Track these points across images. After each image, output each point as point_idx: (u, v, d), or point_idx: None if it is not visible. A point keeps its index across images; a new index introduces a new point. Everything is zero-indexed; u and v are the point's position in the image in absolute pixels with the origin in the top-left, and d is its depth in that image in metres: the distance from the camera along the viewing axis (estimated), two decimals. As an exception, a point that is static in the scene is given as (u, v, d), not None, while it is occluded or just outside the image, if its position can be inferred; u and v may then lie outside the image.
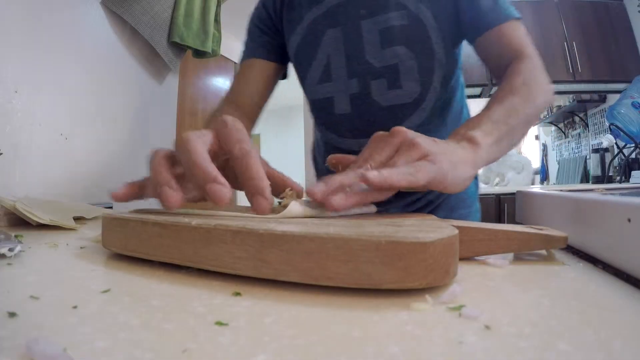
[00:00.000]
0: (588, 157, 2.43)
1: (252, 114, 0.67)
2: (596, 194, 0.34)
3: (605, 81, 2.17)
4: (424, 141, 0.34)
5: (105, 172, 1.01)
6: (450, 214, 0.64)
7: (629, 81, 2.01)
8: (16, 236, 0.33)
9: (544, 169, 3.25)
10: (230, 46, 2.42)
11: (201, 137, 0.29)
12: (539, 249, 0.27)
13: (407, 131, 0.34)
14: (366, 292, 0.19)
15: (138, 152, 1.17)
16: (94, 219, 0.56)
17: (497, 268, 0.25)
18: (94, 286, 0.20)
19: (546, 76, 0.53)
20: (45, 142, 0.80)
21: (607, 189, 0.54)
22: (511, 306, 0.18)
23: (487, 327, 0.14)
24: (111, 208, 0.88)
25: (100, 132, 1.00)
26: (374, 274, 0.18)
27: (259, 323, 0.15)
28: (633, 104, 1.89)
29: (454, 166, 0.34)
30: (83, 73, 0.94)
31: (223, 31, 1.46)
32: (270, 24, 0.67)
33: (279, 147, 5.00)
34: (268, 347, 0.13)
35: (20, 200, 0.48)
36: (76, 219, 0.51)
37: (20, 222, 0.47)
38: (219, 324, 0.15)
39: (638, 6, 2.07)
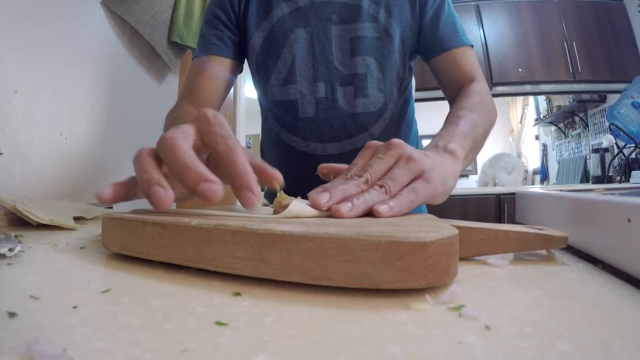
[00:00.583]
0: (588, 157, 2.44)
1: None
2: (596, 194, 0.34)
3: (605, 81, 2.17)
4: (420, 156, 0.35)
5: (105, 172, 1.01)
6: None
7: (629, 81, 2.01)
8: (16, 236, 0.33)
9: (544, 169, 3.25)
10: (230, 46, 2.41)
11: (185, 134, 0.28)
12: (539, 249, 0.27)
13: (404, 145, 0.35)
14: (366, 292, 0.19)
15: (138, 152, 1.17)
16: (94, 219, 0.56)
17: (497, 268, 0.25)
18: (94, 286, 0.20)
19: (491, 97, 0.60)
20: (45, 142, 0.80)
21: (607, 189, 0.54)
22: (511, 306, 0.18)
23: (487, 327, 0.14)
24: (111, 208, 0.88)
25: (100, 132, 1.00)
26: (374, 274, 0.18)
27: (259, 323, 0.15)
28: (633, 104, 1.89)
29: (443, 181, 0.36)
30: (83, 73, 0.94)
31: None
32: (232, 17, 0.64)
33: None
34: (268, 347, 0.13)
35: (20, 200, 0.48)
36: (76, 219, 0.51)
37: (20, 222, 0.47)
38: (219, 324, 0.15)
39: (638, 6, 2.07)
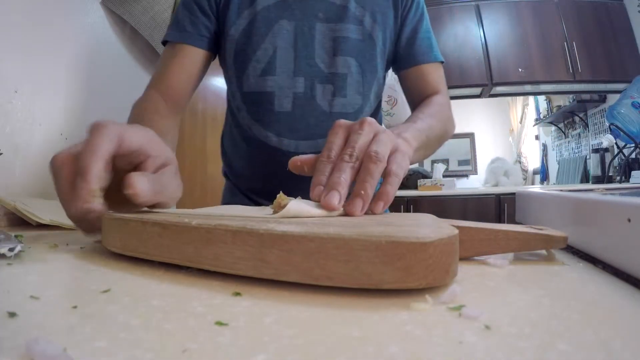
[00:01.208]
0: (588, 157, 2.44)
1: (182, 103, 0.63)
2: (596, 194, 0.34)
3: (605, 81, 2.17)
4: (389, 132, 0.37)
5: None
6: None
7: (629, 81, 2.01)
8: (16, 236, 0.33)
9: (544, 169, 3.25)
10: (230, 46, 2.42)
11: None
12: (539, 249, 0.27)
13: (376, 122, 0.36)
14: (366, 292, 0.19)
15: (138, 152, 1.17)
16: (94, 219, 0.56)
17: (497, 268, 0.25)
18: (94, 286, 0.20)
19: (451, 112, 0.65)
20: (45, 142, 0.80)
21: (607, 189, 0.54)
22: (511, 306, 0.18)
23: (487, 327, 0.14)
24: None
25: (100, 132, 1.00)
26: (374, 274, 0.18)
27: (259, 323, 0.15)
28: (633, 104, 1.89)
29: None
30: (83, 73, 0.94)
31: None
32: (213, 4, 0.61)
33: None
34: (268, 347, 0.13)
35: (20, 200, 0.48)
36: (76, 219, 0.51)
37: (20, 222, 0.47)
38: (219, 324, 0.15)
39: (638, 6, 2.07)
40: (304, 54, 0.60)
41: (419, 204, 2.00)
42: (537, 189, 0.86)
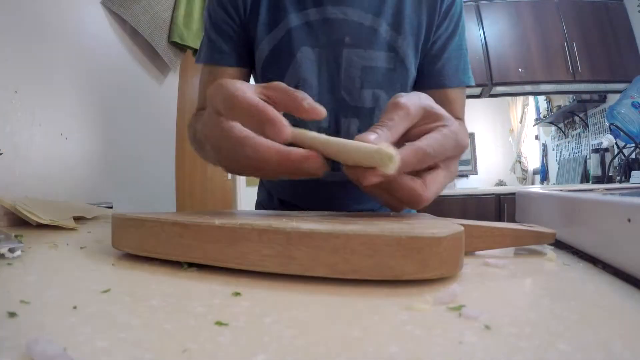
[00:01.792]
0: (588, 157, 2.43)
1: None
2: (596, 194, 0.34)
3: (605, 81, 2.17)
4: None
5: (105, 172, 1.01)
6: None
7: (629, 81, 2.01)
8: (16, 236, 0.33)
9: (544, 169, 3.25)
10: (230, 46, 2.41)
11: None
12: (531, 244, 0.29)
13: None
14: (366, 293, 0.19)
15: (138, 152, 1.17)
16: (94, 219, 0.56)
17: (497, 268, 0.25)
18: (94, 286, 0.20)
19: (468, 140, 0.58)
20: (45, 142, 0.80)
21: (607, 189, 0.54)
22: (511, 306, 0.18)
23: (487, 327, 0.14)
24: (111, 207, 0.88)
25: (100, 132, 1.00)
26: (395, 267, 0.20)
27: (259, 323, 0.15)
28: (633, 104, 1.89)
29: None
30: (83, 73, 0.94)
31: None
32: (239, 20, 0.56)
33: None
34: (268, 347, 0.13)
35: (20, 200, 0.48)
36: (76, 219, 0.51)
37: (20, 222, 0.47)
38: (219, 324, 0.15)
39: (638, 6, 2.07)
40: (328, 86, 0.55)
41: (419, 204, 2.00)
42: (537, 189, 0.86)
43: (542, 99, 3.09)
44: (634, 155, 2.00)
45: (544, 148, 3.33)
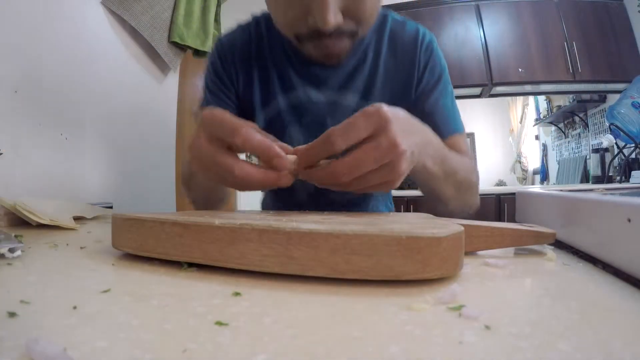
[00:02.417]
0: (588, 157, 2.43)
1: None
2: (596, 194, 0.34)
3: (605, 81, 2.17)
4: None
5: (105, 172, 1.01)
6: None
7: (629, 81, 2.01)
8: (16, 236, 0.33)
9: (544, 169, 3.25)
10: (230, 46, 2.41)
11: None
12: (531, 244, 0.29)
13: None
14: (366, 293, 0.19)
15: (138, 152, 1.17)
16: (94, 219, 0.56)
17: (497, 268, 0.25)
18: (94, 286, 0.20)
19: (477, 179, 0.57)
20: (45, 142, 0.80)
21: (607, 189, 0.54)
22: (511, 306, 0.18)
23: (487, 327, 0.14)
24: (111, 208, 0.88)
25: (101, 132, 1.00)
26: (395, 267, 0.20)
27: (259, 323, 0.15)
28: (633, 104, 1.89)
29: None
30: (83, 73, 0.94)
31: (223, 31, 1.46)
32: (233, 93, 0.59)
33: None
34: (268, 347, 0.13)
35: (20, 200, 0.48)
36: (76, 219, 0.51)
37: (20, 222, 0.47)
38: (219, 324, 0.15)
39: (638, 6, 2.07)
40: (318, 190, 0.56)
41: (419, 204, 2.00)
42: (537, 189, 0.86)
43: (542, 99, 3.09)
44: (634, 155, 2.00)
45: (544, 148, 3.33)
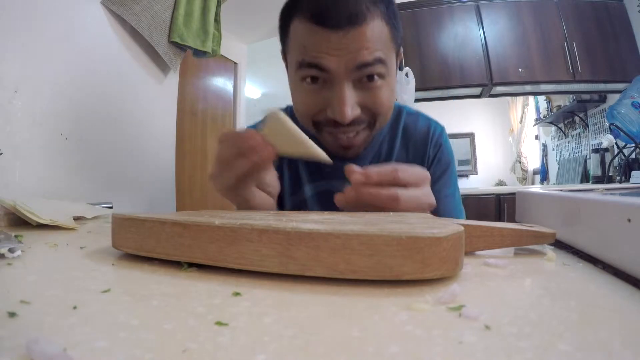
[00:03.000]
0: (588, 157, 2.43)
1: None
2: (596, 194, 0.34)
3: (605, 81, 2.17)
4: None
5: (105, 172, 1.01)
6: None
7: (629, 81, 2.01)
8: (16, 236, 0.33)
9: (544, 169, 3.25)
10: (230, 46, 2.42)
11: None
12: (531, 244, 0.29)
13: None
14: (366, 293, 0.19)
15: (138, 152, 1.17)
16: (94, 219, 0.56)
17: (497, 268, 0.25)
18: (94, 286, 0.20)
19: None
20: (45, 142, 0.80)
21: (607, 189, 0.54)
22: (511, 306, 0.18)
23: (487, 327, 0.14)
24: (111, 207, 0.88)
25: (100, 132, 1.00)
26: (395, 267, 0.19)
27: (259, 323, 0.15)
28: (633, 104, 1.89)
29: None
30: (83, 73, 0.94)
31: (223, 31, 1.46)
32: None
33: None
34: (268, 347, 0.13)
35: (20, 200, 0.48)
36: (76, 219, 0.51)
37: (20, 222, 0.47)
38: (219, 324, 0.15)
39: (638, 6, 2.07)
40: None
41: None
42: (537, 189, 0.86)
43: (542, 99, 3.09)
44: (634, 155, 2.00)
45: (544, 148, 3.33)
